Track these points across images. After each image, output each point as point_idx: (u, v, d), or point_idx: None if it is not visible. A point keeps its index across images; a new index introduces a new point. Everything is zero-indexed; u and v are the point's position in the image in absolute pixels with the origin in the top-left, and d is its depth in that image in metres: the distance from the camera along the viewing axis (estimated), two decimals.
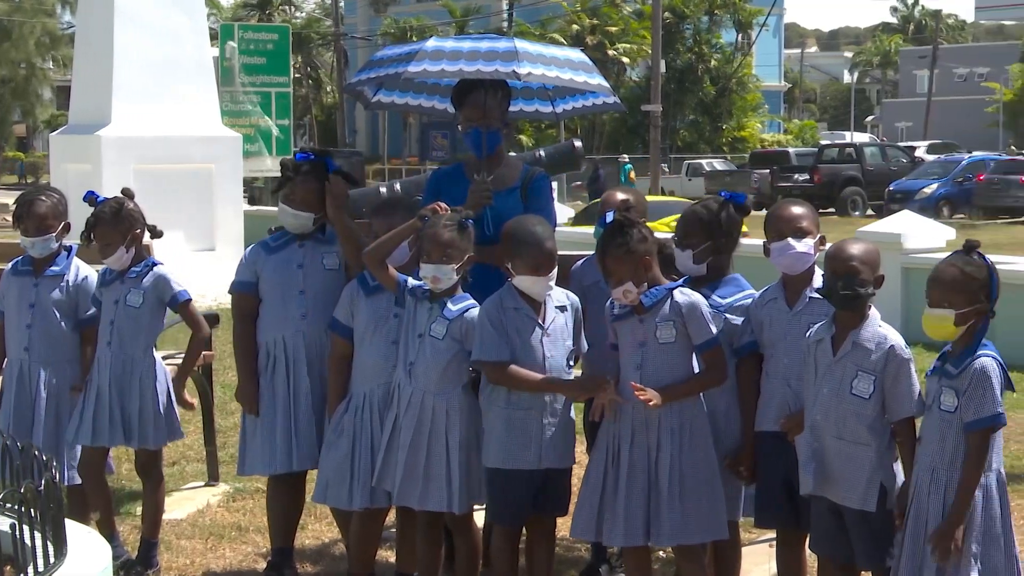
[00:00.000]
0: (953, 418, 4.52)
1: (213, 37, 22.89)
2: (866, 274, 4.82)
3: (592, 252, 5.58)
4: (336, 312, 5.78)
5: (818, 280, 5.15)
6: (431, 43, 6.21)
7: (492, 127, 6.06)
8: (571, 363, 5.50)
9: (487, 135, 6.04)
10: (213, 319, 7.86)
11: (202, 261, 16.33)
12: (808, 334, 4.99)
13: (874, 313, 4.89)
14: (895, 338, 4.82)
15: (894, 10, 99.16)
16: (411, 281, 5.57)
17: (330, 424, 5.75)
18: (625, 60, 58.84)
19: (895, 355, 4.78)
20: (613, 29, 59.04)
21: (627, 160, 45.97)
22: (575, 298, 5.57)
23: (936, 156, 46.01)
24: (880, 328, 4.85)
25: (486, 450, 5.42)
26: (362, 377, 5.70)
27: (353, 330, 5.71)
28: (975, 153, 45.07)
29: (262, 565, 6.28)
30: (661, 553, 6.08)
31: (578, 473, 5.51)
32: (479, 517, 5.75)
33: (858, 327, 4.84)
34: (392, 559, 6.06)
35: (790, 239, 5.20)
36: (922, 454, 4.58)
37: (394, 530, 5.96)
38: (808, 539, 5.17)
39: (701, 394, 5.20)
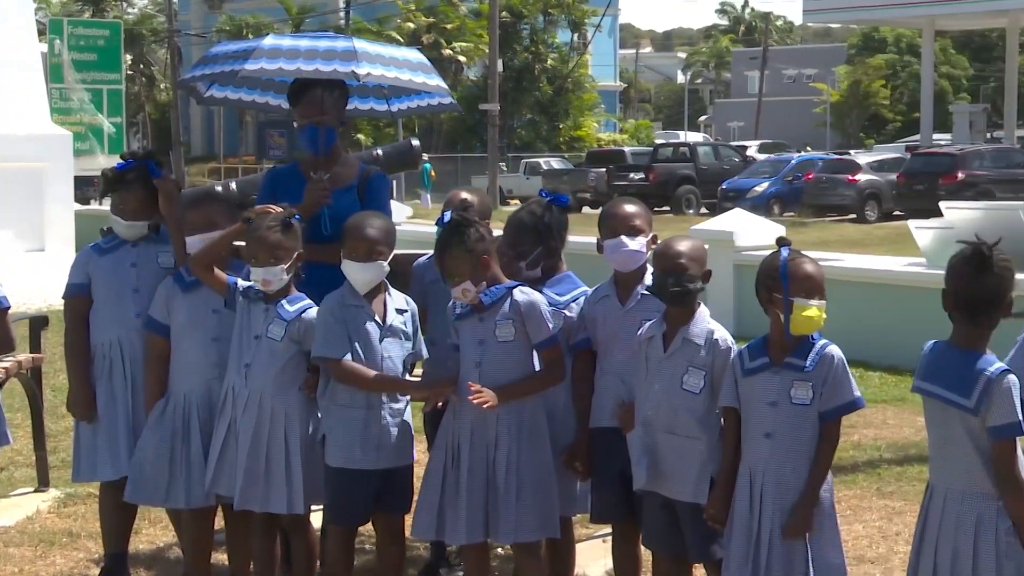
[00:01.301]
0: (808, 410, 4.61)
1: (41, 32, 22.35)
2: (694, 270, 4.90)
3: None
4: (151, 310, 5.70)
5: (650, 277, 5.22)
6: (268, 41, 6.14)
7: (328, 124, 6.04)
8: (409, 366, 5.50)
9: (324, 132, 6.01)
10: (42, 321, 7.68)
11: (32, 261, 15.97)
12: (639, 331, 5.06)
13: (703, 309, 4.98)
14: (722, 333, 4.92)
15: (722, 12, 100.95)
16: (242, 282, 5.52)
17: (148, 423, 5.66)
18: (462, 59, 59.02)
19: (721, 349, 4.87)
20: (450, 28, 59.18)
21: (427, 159, 45.95)
22: (414, 304, 5.58)
23: (767, 155, 47.03)
24: (708, 324, 4.94)
25: (325, 450, 5.40)
26: (181, 376, 5.63)
27: (170, 328, 5.64)
28: (804, 152, 46.17)
29: (95, 572, 6.16)
30: (500, 550, 6.13)
31: (418, 472, 5.51)
32: (316, 518, 5.72)
33: (688, 323, 4.92)
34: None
35: (623, 237, 5.26)
36: (775, 448, 4.61)
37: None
38: (642, 534, 5.24)
39: (540, 392, 5.25)
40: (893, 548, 6.59)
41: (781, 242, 4.73)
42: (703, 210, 38.04)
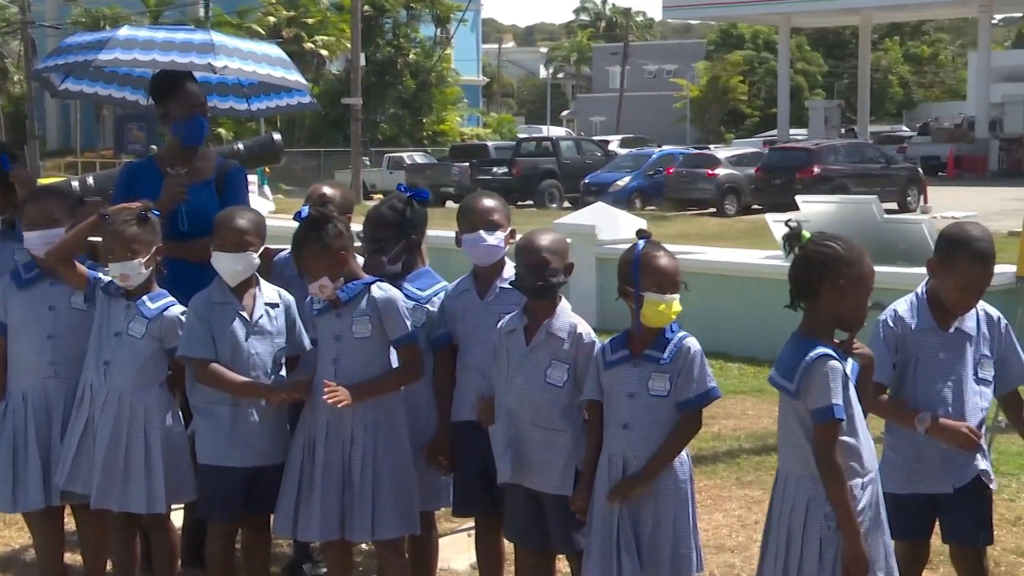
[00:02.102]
0: (666, 401, 4.67)
1: None
2: (556, 264, 4.92)
3: None
4: None
5: (509, 271, 5.24)
6: (124, 31, 6.06)
7: (207, 115, 6.00)
8: (282, 361, 5.46)
9: (201, 123, 5.96)
10: None
11: None
12: (499, 324, 5.08)
13: (564, 303, 5.01)
14: (585, 327, 4.96)
15: (583, 8, 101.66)
16: (103, 277, 5.43)
17: None
18: (324, 53, 58.57)
19: (584, 343, 4.91)
20: (311, 21, 58.69)
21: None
22: (289, 296, 5.53)
23: (628, 150, 47.46)
24: (571, 318, 4.97)
25: (196, 447, 5.36)
26: (17, 374, 5.56)
27: (7, 326, 5.57)
28: (665, 147, 46.71)
29: None
30: (364, 546, 6.10)
31: None
32: (177, 517, 5.66)
33: (550, 317, 4.95)
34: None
35: (481, 231, 5.28)
36: (633, 439, 4.67)
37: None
38: (503, 527, 5.26)
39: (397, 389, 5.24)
40: (752, 537, 6.70)
41: (640, 234, 4.78)
42: (566, 204, 38.25)
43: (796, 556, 4.27)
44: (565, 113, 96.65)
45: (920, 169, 37.74)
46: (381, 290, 5.16)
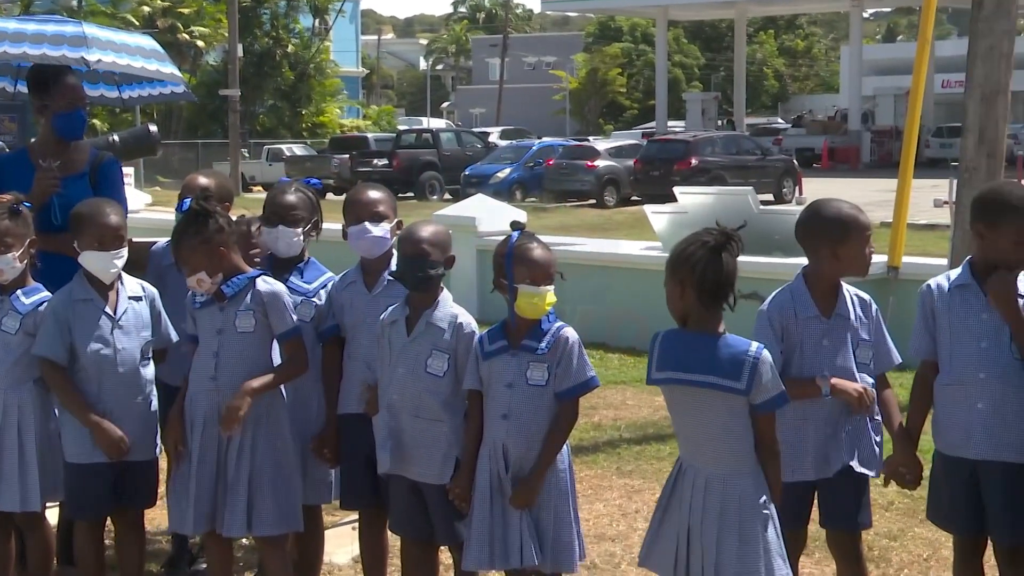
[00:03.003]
0: (544, 391, 4.69)
1: None
2: (436, 255, 4.92)
3: None
4: None
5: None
6: None
7: (87, 108, 5.91)
8: (148, 356, 5.39)
9: (82, 117, 5.87)
10: None
11: None
12: (382, 316, 5.07)
13: (445, 294, 5.02)
14: (465, 317, 4.97)
15: (462, 0, 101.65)
16: None
17: None
18: (201, 44, 57.81)
19: (465, 332, 4.92)
20: (186, 12, 57.87)
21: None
22: (152, 289, 5.47)
23: (509, 142, 47.61)
24: (452, 308, 4.98)
25: (63, 445, 5.27)
26: None
27: None
28: (545, 139, 46.92)
29: None
30: (245, 541, 6.05)
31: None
32: (53, 514, 5.57)
33: (431, 307, 4.95)
34: None
35: (367, 223, 5.27)
36: (512, 428, 4.68)
37: None
38: (389, 519, 5.26)
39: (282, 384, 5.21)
40: (633, 525, 6.77)
41: (515, 226, 4.80)
42: (447, 196, 38.27)
43: (732, 554, 4.19)
44: (445, 105, 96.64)
45: (795, 161, 38.42)
46: (266, 284, 5.12)
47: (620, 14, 74.00)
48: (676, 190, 14.57)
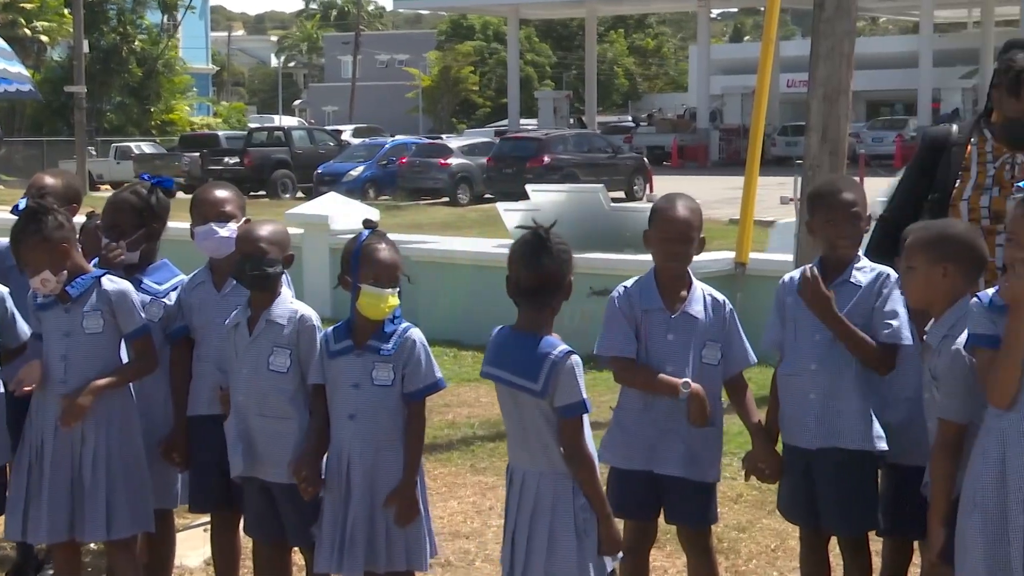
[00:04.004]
0: (390, 391, 4.68)
1: None
2: (274, 254, 4.88)
3: None
4: None
5: None
6: None
7: None
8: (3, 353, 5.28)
9: None
10: None
11: None
12: (227, 320, 5.03)
13: (286, 292, 4.99)
14: (306, 311, 4.94)
15: None
16: None
17: None
18: (44, 39, 56.48)
19: (306, 326, 4.89)
20: (29, 6, 56.46)
21: None
22: (3, 288, 5.36)
23: (361, 139, 47.40)
24: (291, 304, 4.95)
25: None
26: None
27: None
28: (397, 137, 46.82)
29: None
30: (93, 545, 5.95)
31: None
32: None
33: (269, 306, 4.91)
34: None
35: (213, 224, 5.22)
36: (359, 429, 4.66)
37: None
38: (243, 522, 5.21)
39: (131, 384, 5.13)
40: (487, 522, 6.80)
41: (367, 224, 4.79)
42: (299, 194, 37.98)
43: (542, 555, 4.27)
44: (297, 103, 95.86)
45: (646, 159, 38.93)
46: (112, 282, 5.04)
47: (472, 12, 74.16)
48: (528, 188, 14.66)
